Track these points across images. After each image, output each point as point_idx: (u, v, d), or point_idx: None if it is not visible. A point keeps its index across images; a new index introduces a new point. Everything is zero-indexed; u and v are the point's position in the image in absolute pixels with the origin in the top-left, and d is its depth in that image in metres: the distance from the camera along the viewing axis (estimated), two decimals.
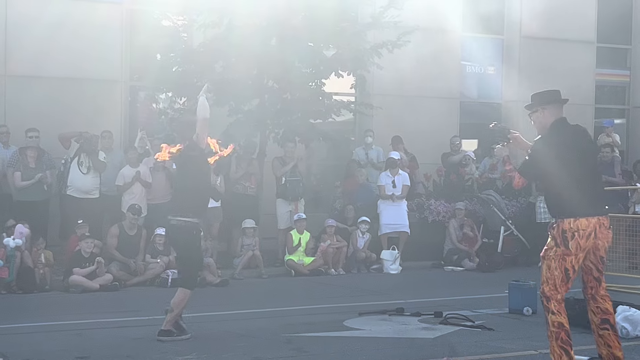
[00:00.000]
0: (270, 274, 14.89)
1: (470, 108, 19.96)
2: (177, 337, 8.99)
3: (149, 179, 14.86)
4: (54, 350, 8.48)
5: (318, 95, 15.58)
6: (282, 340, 9.07)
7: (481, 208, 17.01)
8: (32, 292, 12.78)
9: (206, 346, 8.73)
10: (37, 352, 8.37)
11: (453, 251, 16.45)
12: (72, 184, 14.34)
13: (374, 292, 13.21)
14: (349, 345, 8.83)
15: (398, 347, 8.79)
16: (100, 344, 8.89)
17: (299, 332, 9.47)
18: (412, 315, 10.48)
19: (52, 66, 15.53)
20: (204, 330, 9.56)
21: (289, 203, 15.73)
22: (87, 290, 12.82)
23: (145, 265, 13.89)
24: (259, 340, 9.08)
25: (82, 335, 9.36)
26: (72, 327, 9.88)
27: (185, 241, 9.02)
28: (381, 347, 8.73)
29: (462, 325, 9.85)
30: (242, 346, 8.74)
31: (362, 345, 8.81)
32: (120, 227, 14.11)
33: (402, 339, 9.20)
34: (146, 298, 12.57)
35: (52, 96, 15.55)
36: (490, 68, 20.33)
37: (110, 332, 9.59)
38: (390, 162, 16.41)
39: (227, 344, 8.82)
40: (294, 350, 8.57)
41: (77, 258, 13.19)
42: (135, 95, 17.10)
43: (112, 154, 15.11)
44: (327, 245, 15.35)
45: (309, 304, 11.94)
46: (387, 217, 16.13)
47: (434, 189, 17.68)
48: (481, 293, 12.73)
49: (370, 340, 9.12)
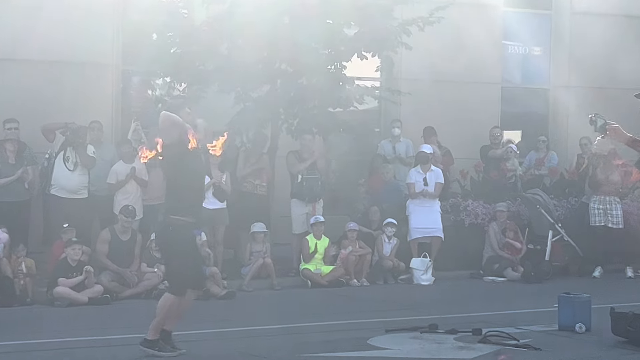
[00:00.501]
0: (283, 285, 14.89)
1: (513, 94, 19.90)
2: (159, 353, 9.00)
3: (145, 177, 14.90)
4: None
5: (338, 81, 15.58)
6: None
7: (526, 209, 16.95)
8: (11, 306, 12.82)
9: None
10: None
11: (493, 259, 16.41)
12: (56, 182, 14.39)
13: (402, 306, 13.19)
14: None
15: None
16: None
17: (317, 352, 9.45)
18: (447, 333, 10.43)
19: (33, 48, 15.56)
20: (206, 350, 9.56)
21: (306, 204, 15.74)
22: (74, 304, 12.84)
23: (140, 275, 13.92)
24: None
25: (70, 355, 9.36)
26: (57, 346, 9.87)
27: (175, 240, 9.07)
28: None
29: (505, 345, 9.79)
30: None
31: None
32: (112, 231, 14.14)
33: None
34: (142, 313, 12.54)
35: (33, 82, 15.61)
36: (537, 49, 20.26)
37: (101, 352, 9.58)
38: (422, 157, 16.38)
39: None
40: None
41: (63, 267, 13.22)
42: (128, 81, 17.14)
43: (102, 148, 15.15)
44: (348, 252, 15.35)
45: (327, 319, 11.92)
46: (417, 220, 16.11)
47: (471, 187, 17.63)
48: (526, 307, 12.68)
49: None
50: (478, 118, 18.56)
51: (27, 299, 13.16)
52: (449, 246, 16.24)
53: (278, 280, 15.00)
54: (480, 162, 17.75)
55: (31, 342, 10.15)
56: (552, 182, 17.69)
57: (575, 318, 10.57)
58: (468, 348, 9.74)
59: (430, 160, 16.39)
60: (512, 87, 19.97)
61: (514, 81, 20.12)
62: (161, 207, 14.90)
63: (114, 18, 16.42)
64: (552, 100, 20.01)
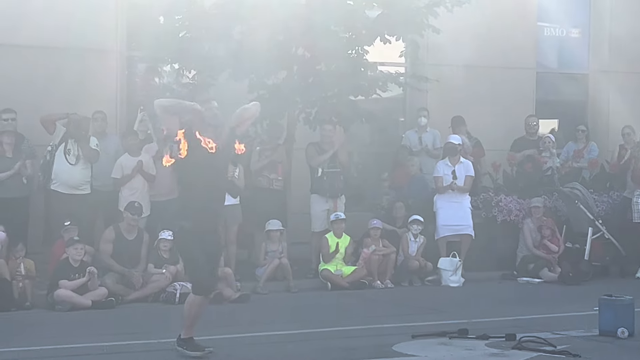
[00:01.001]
0: (300, 288, 14.91)
1: (550, 80, 19.86)
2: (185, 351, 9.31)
3: (153, 171, 14.93)
4: None
5: (359, 66, 15.58)
6: None
7: (564, 205, 16.93)
8: (9, 310, 12.87)
9: None
10: None
11: (528, 259, 16.39)
12: (57, 177, 14.43)
13: (430, 309, 13.23)
14: None
15: None
16: None
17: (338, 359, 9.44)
18: (478, 339, 10.44)
19: (30, 33, 15.57)
20: (219, 357, 9.59)
21: (327, 200, 15.75)
22: (77, 308, 12.89)
23: (147, 276, 13.98)
24: None
25: None
26: (58, 353, 9.92)
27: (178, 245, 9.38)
28: None
29: (541, 351, 9.80)
30: None
31: None
32: (117, 229, 14.20)
33: None
34: (149, 317, 12.66)
35: (31, 70, 15.65)
36: (575, 31, 20.20)
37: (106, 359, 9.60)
38: (450, 148, 16.37)
39: None
40: None
41: (64, 268, 13.28)
42: (133, 68, 17.20)
43: (106, 140, 15.20)
44: (371, 251, 15.36)
45: (349, 324, 11.91)
46: (445, 217, 16.11)
47: (504, 181, 17.60)
48: (564, 311, 12.72)
49: None
50: (511, 106, 18.54)
51: (26, 303, 13.20)
52: (480, 245, 16.24)
53: (295, 282, 15.02)
54: (514, 154, 17.69)
55: (30, 349, 10.21)
56: (591, 175, 17.64)
57: (617, 322, 10.56)
58: (501, 355, 9.75)
59: (460, 152, 16.37)
60: (548, 72, 19.93)
61: (550, 66, 20.08)
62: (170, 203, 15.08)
63: (117, 0, 16.44)
64: (592, 86, 19.94)
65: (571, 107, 20.14)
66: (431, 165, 16.81)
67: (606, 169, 17.95)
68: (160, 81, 16.64)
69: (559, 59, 20.25)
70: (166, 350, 9.96)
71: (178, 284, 13.72)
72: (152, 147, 15.08)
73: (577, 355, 9.52)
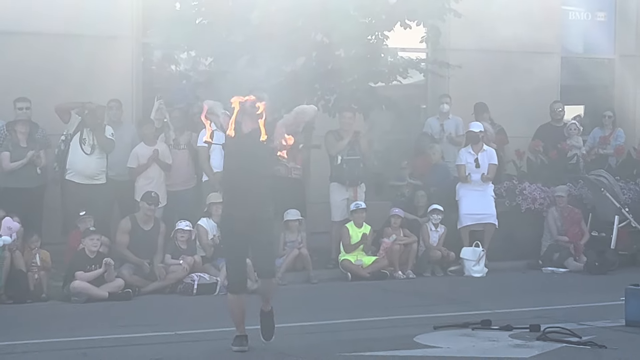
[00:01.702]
0: (321, 278, 14.96)
1: (575, 65, 19.81)
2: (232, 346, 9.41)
3: (169, 160, 15.00)
4: None
5: (379, 52, 15.58)
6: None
7: (589, 193, 16.89)
8: (24, 302, 12.98)
9: None
10: None
11: (553, 248, 16.39)
12: (72, 166, 14.52)
13: (452, 300, 13.24)
14: None
15: None
16: None
17: (359, 351, 9.49)
18: (502, 330, 10.46)
19: (44, 19, 15.65)
20: None
21: (346, 189, 15.77)
22: (93, 299, 12.97)
23: (164, 268, 14.04)
24: None
25: (88, 356, 9.46)
26: (74, 345, 9.98)
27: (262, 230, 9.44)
28: None
29: (566, 342, 9.80)
30: None
31: None
32: (133, 220, 14.26)
33: (489, 359, 9.18)
34: (166, 308, 12.72)
35: (45, 58, 15.70)
36: (600, 14, 20.12)
37: (123, 351, 9.68)
38: (472, 136, 16.36)
39: None
40: None
41: (80, 259, 13.35)
42: (149, 55, 17.23)
43: (122, 129, 15.25)
44: (392, 241, 15.38)
45: (370, 315, 11.93)
46: (468, 206, 16.12)
47: (528, 169, 17.58)
48: (590, 301, 12.71)
49: None
50: (535, 92, 18.47)
51: (41, 295, 13.29)
52: (504, 234, 16.23)
53: (315, 272, 15.06)
54: (538, 141, 17.66)
55: (46, 341, 10.27)
56: (618, 162, 17.61)
57: None
58: (525, 346, 9.76)
59: (482, 139, 16.36)
60: (573, 57, 19.88)
61: (575, 50, 20.01)
62: (186, 192, 15.15)
63: None
64: (618, 71, 19.87)
65: (597, 93, 20.07)
66: (453, 153, 16.81)
67: (633, 156, 17.92)
68: (176, 68, 16.67)
69: (584, 43, 20.17)
70: (184, 342, 10.05)
71: (196, 275, 13.81)
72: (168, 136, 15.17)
73: (603, 346, 9.51)
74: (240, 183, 9.34)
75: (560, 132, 17.70)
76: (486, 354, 9.43)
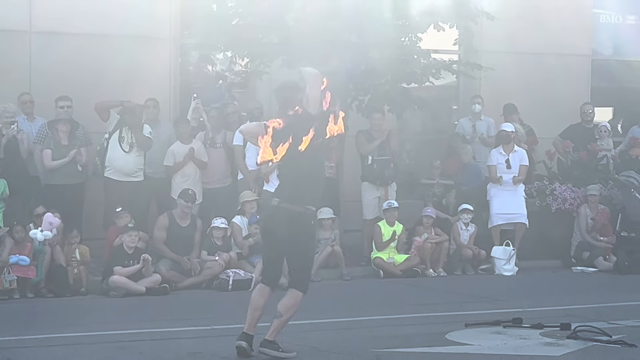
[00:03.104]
0: (353, 275, 14.95)
1: (605, 68, 19.70)
2: (282, 354, 8.99)
3: (205, 158, 15.04)
4: None
5: (412, 53, 15.55)
6: (370, 356, 9.10)
7: (619, 193, 16.79)
8: (64, 296, 13.07)
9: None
10: None
11: (583, 247, 16.30)
12: (111, 164, 14.58)
13: (483, 298, 13.20)
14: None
15: None
16: (148, 358, 9.02)
17: (391, 347, 9.48)
18: (533, 328, 10.41)
19: (86, 20, 15.73)
20: None
21: (377, 188, 15.77)
22: (131, 294, 13.05)
23: (200, 263, 14.08)
24: (341, 356, 9.12)
25: (126, 348, 9.50)
26: (113, 339, 10.02)
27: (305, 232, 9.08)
28: None
29: (596, 341, 9.74)
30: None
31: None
32: (170, 216, 14.31)
33: (520, 357, 9.16)
34: (203, 303, 12.77)
35: (85, 57, 15.76)
36: (630, 17, 20.00)
37: (160, 345, 9.72)
38: (502, 137, 16.31)
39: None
40: None
41: (119, 255, 13.43)
42: (187, 56, 17.29)
43: (159, 127, 15.30)
44: (423, 239, 15.35)
45: (402, 312, 11.96)
46: (499, 205, 16.06)
47: (558, 169, 17.49)
48: (620, 300, 12.63)
49: (480, 358, 9.12)
50: (565, 94, 18.43)
51: (81, 289, 13.38)
52: (534, 233, 16.18)
53: (348, 269, 15.06)
54: (569, 142, 17.56)
55: (85, 334, 10.31)
56: None
57: None
58: (556, 344, 9.72)
59: (513, 140, 16.30)
60: (603, 59, 19.75)
61: (606, 53, 19.88)
62: (222, 190, 15.17)
63: None
64: None
65: (627, 95, 19.95)
66: (485, 153, 16.75)
67: None
68: (213, 69, 16.73)
69: (614, 46, 20.04)
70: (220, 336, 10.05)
71: (231, 271, 13.86)
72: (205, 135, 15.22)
73: (633, 345, 9.44)
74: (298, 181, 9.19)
75: (590, 134, 17.61)
76: (517, 351, 9.40)
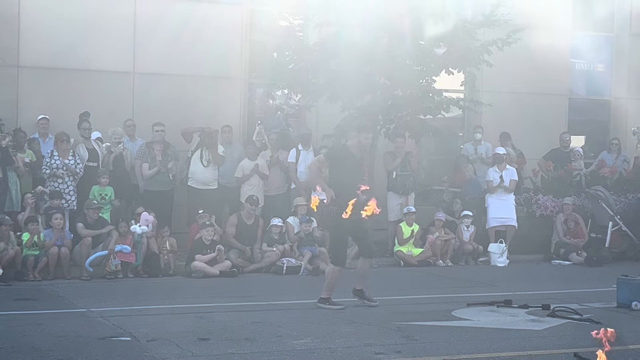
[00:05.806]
0: (380, 264, 14.88)
1: (579, 105, 19.55)
2: (330, 306, 10.10)
3: (266, 172, 15.10)
4: (178, 331, 8.71)
5: (428, 92, 15.51)
6: (392, 327, 9.11)
7: (589, 203, 16.66)
8: (157, 277, 13.18)
9: (319, 331, 8.83)
10: (162, 333, 8.61)
11: (560, 245, 16.17)
12: (193, 175, 14.66)
13: (481, 283, 13.13)
14: (458, 334, 8.82)
15: (506, 338, 8.73)
16: (220, 326, 9.08)
17: (409, 321, 9.49)
18: (520, 308, 10.39)
19: (177, 64, 15.85)
20: (317, 316, 9.73)
21: (400, 196, 15.73)
22: (208, 276, 13.11)
23: (262, 253, 14.12)
24: (369, 327, 9.15)
25: (204, 318, 9.56)
26: (194, 310, 10.11)
27: None
28: (489, 338, 8.69)
29: (570, 319, 9.71)
30: (353, 332, 8.83)
31: (470, 335, 8.79)
32: (239, 216, 14.37)
33: (510, 330, 9.15)
34: (262, 284, 12.80)
35: (176, 92, 15.87)
36: (600, 65, 19.83)
37: (230, 316, 9.77)
38: (497, 158, 16.25)
39: (339, 330, 8.91)
40: (403, 337, 8.60)
41: (199, 245, 13.50)
42: (254, 92, 17.31)
43: (232, 148, 15.34)
44: (435, 237, 15.30)
45: (417, 293, 11.94)
46: (494, 211, 15.98)
47: (541, 184, 17.37)
48: (589, 287, 12.55)
49: (478, 331, 9.09)
50: (548, 125, 18.31)
51: (169, 271, 13.47)
52: (522, 234, 16.07)
53: (375, 260, 14.92)
54: (550, 162, 17.43)
55: (174, 306, 10.46)
56: (612, 180, 17.31)
57: (631, 297, 10.43)
58: (538, 321, 9.69)
59: (505, 160, 16.23)
60: (578, 98, 19.58)
61: (580, 93, 19.72)
62: (279, 196, 15.19)
63: (242, 40, 16.54)
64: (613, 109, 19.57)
65: (597, 126, 19.77)
66: (484, 171, 16.64)
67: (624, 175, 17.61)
68: (273, 102, 16.76)
69: (587, 87, 19.86)
70: (277, 310, 10.11)
71: (285, 259, 13.88)
72: (266, 153, 15.27)
73: (599, 322, 9.35)
74: None
75: (567, 156, 17.47)
76: (508, 326, 9.39)
